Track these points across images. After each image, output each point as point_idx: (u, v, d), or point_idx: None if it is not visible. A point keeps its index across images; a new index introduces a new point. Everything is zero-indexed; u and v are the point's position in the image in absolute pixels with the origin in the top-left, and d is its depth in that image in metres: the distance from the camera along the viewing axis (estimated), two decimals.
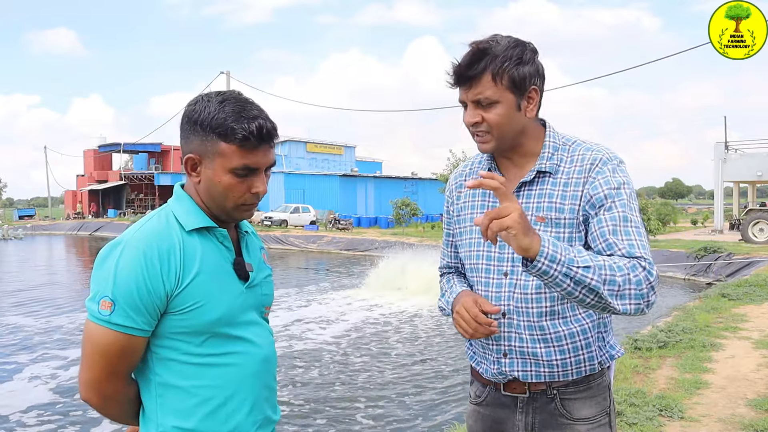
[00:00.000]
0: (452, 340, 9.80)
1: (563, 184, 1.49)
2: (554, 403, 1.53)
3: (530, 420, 1.55)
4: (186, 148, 1.34)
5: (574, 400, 1.53)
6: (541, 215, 1.49)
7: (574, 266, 1.29)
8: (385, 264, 15.52)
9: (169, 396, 1.31)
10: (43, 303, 13.32)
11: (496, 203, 1.55)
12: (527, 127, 1.52)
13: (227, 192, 1.32)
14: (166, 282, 1.25)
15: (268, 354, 1.44)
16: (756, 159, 24.75)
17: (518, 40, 1.48)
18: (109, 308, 1.24)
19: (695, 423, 3.94)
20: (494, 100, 1.46)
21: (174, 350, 1.30)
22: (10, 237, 35.71)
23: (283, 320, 11.26)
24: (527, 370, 1.52)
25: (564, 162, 1.52)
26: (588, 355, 1.51)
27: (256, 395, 1.39)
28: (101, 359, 1.26)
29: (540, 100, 1.52)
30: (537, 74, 1.48)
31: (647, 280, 1.34)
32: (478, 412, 1.65)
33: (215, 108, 1.29)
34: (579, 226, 1.48)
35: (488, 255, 1.56)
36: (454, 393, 7.08)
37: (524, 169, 1.55)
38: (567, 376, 1.51)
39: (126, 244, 1.27)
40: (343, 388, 7.25)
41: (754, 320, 7.32)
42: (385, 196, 38.94)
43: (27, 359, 8.54)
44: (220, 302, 1.32)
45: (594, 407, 1.54)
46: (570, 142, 1.55)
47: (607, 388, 1.58)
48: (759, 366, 5.28)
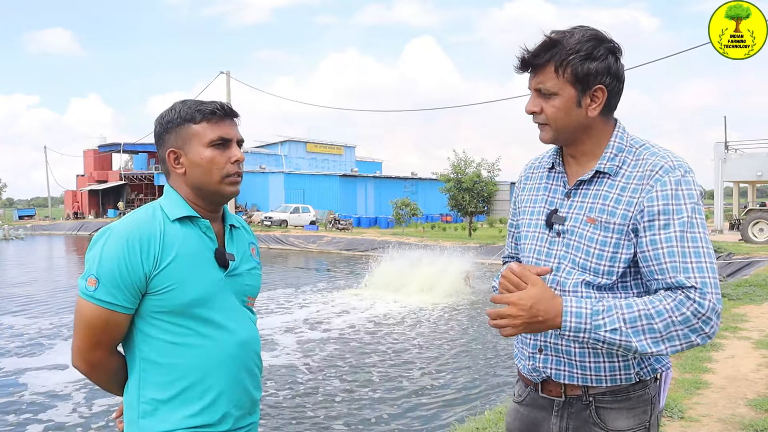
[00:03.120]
0: (450, 340, 9.80)
1: (621, 188, 1.44)
2: (589, 410, 1.49)
3: (564, 425, 1.52)
4: (164, 150, 1.52)
5: (610, 410, 1.48)
6: (593, 217, 1.45)
7: (602, 331, 1.33)
8: (385, 264, 15.51)
9: (151, 371, 1.45)
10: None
11: (554, 199, 1.55)
12: (590, 125, 1.47)
13: (211, 165, 1.49)
14: (144, 264, 1.40)
15: (247, 338, 1.55)
16: (756, 159, 24.75)
17: (596, 35, 1.42)
18: (94, 285, 1.40)
19: (695, 423, 3.94)
20: (554, 92, 1.42)
21: (155, 328, 1.44)
22: (11, 237, 35.71)
23: (282, 320, 11.27)
24: (560, 369, 1.50)
25: (627, 165, 1.45)
26: (623, 364, 1.46)
27: (232, 376, 1.50)
28: (87, 329, 1.42)
29: (609, 101, 1.45)
30: (607, 73, 1.41)
31: (697, 314, 1.30)
32: (518, 411, 1.64)
33: (179, 107, 1.52)
34: (628, 234, 1.42)
35: (538, 250, 1.55)
36: (453, 394, 7.09)
37: (585, 168, 1.51)
38: (600, 382, 1.47)
39: (113, 230, 1.43)
40: (342, 388, 7.25)
41: (754, 320, 7.32)
42: (384, 196, 38.95)
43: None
44: (195, 285, 1.45)
45: (631, 419, 1.47)
46: (638, 144, 1.47)
47: (650, 402, 1.50)
48: (759, 366, 5.27)
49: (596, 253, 1.44)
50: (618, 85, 1.45)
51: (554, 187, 1.57)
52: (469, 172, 25.62)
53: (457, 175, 25.69)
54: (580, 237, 1.46)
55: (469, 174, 25.53)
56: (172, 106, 1.53)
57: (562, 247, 1.50)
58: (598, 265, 1.44)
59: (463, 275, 14.44)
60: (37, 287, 16.01)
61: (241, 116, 1.57)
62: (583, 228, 1.46)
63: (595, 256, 1.44)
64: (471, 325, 10.94)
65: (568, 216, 1.50)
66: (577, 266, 1.47)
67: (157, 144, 1.55)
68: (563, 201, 1.52)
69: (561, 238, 1.50)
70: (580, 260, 1.46)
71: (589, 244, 1.45)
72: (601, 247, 1.43)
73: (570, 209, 1.50)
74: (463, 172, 25.67)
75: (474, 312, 12.17)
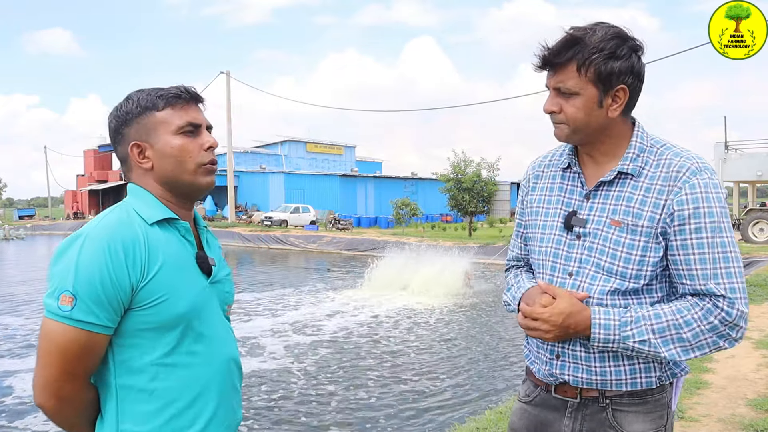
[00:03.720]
0: (450, 341, 9.80)
1: (645, 189, 1.40)
2: (605, 412, 1.45)
3: (578, 426, 1.48)
4: (125, 145, 1.35)
5: (626, 413, 1.45)
6: (617, 219, 1.41)
7: (630, 342, 1.36)
8: (385, 264, 15.51)
9: (131, 399, 1.24)
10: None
11: (571, 200, 1.51)
12: (610, 126, 1.43)
13: (183, 153, 1.32)
14: (131, 273, 1.20)
15: (233, 353, 1.40)
16: (756, 159, 24.71)
17: (619, 33, 1.37)
18: (70, 303, 1.17)
19: (695, 423, 3.94)
20: (575, 92, 1.38)
21: (137, 348, 1.24)
22: (11, 237, 35.70)
23: (281, 320, 11.26)
24: (578, 376, 1.46)
25: (649, 165, 1.42)
26: (644, 366, 1.43)
27: (221, 395, 1.34)
28: (59, 359, 1.19)
29: (631, 101, 1.42)
30: (630, 72, 1.37)
31: (725, 322, 1.34)
32: (525, 410, 1.59)
33: (136, 96, 1.35)
34: (657, 237, 1.39)
35: (555, 252, 1.50)
36: (453, 390, 7.09)
37: (604, 168, 1.47)
38: (620, 387, 1.44)
39: (87, 236, 1.21)
40: (340, 386, 7.25)
41: (754, 320, 7.32)
42: (385, 196, 38.93)
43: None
44: (185, 295, 1.28)
45: (648, 423, 1.45)
46: (659, 144, 1.45)
47: (667, 406, 1.49)
48: (759, 366, 5.27)
49: (623, 257, 1.40)
50: (639, 85, 1.41)
51: (570, 187, 1.52)
52: (469, 172, 25.61)
53: (457, 175, 25.68)
54: (605, 240, 1.43)
55: (469, 174, 25.51)
56: (127, 97, 1.35)
57: (583, 251, 1.46)
58: (625, 269, 1.41)
59: (463, 275, 14.45)
60: (35, 287, 15.99)
61: (205, 101, 1.41)
62: (608, 231, 1.42)
63: (622, 259, 1.41)
64: (471, 326, 10.93)
65: (590, 218, 1.45)
66: (602, 270, 1.43)
67: (115, 141, 1.36)
68: (582, 202, 1.48)
69: (581, 241, 1.46)
70: (605, 264, 1.42)
71: (615, 248, 1.41)
72: (629, 251, 1.40)
73: (591, 211, 1.46)
74: (463, 172, 25.66)
75: (474, 313, 12.16)
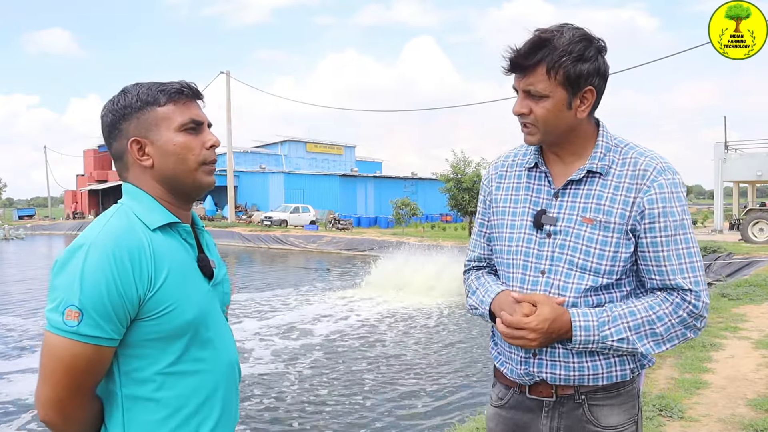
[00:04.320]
0: (450, 341, 9.80)
1: (614, 187, 1.44)
2: (582, 408, 1.48)
3: (555, 425, 1.49)
4: (122, 141, 1.29)
5: (602, 407, 1.48)
6: (589, 216, 1.45)
7: (609, 340, 1.41)
8: (384, 264, 15.51)
9: (137, 409, 1.22)
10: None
11: (539, 199, 1.52)
12: (577, 126, 1.47)
13: (185, 151, 1.28)
14: (138, 284, 1.16)
15: (234, 355, 1.39)
16: (756, 159, 24.71)
17: (585, 35, 1.40)
18: (77, 318, 1.13)
19: (695, 423, 3.94)
20: (545, 94, 1.41)
21: (144, 359, 1.22)
22: (11, 237, 35.70)
23: (281, 320, 11.26)
24: (556, 373, 1.47)
25: (615, 164, 1.46)
26: (619, 360, 1.47)
27: (225, 399, 1.34)
28: (66, 375, 1.15)
29: (596, 102, 1.46)
30: (597, 74, 1.41)
31: (692, 314, 1.42)
32: (500, 415, 1.60)
33: (135, 90, 1.29)
34: (627, 234, 1.43)
35: (527, 251, 1.51)
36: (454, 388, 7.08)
37: (572, 167, 1.50)
38: (597, 381, 1.47)
39: (90, 245, 1.16)
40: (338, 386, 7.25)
41: (754, 320, 7.31)
42: (384, 196, 38.92)
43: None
44: (192, 303, 1.25)
45: (622, 414, 1.49)
46: (622, 144, 1.49)
47: (637, 396, 1.54)
48: (759, 366, 5.27)
49: (597, 253, 1.44)
50: (604, 85, 1.46)
51: (537, 186, 1.54)
52: (468, 172, 25.61)
53: (457, 175, 25.68)
54: (578, 237, 1.45)
55: (468, 174, 25.51)
56: (125, 90, 1.30)
57: (554, 248, 1.48)
58: (599, 265, 1.44)
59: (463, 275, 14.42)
60: (32, 286, 15.97)
61: (204, 98, 1.37)
62: (579, 228, 1.45)
63: (596, 256, 1.44)
64: (470, 326, 10.93)
65: (560, 216, 1.48)
66: (576, 267, 1.45)
67: (110, 136, 1.30)
68: (551, 201, 1.50)
69: (552, 239, 1.48)
70: (579, 261, 1.45)
71: (588, 245, 1.44)
72: (602, 247, 1.43)
73: (561, 209, 1.48)
74: (463, 172, 25.64)
75: (466, 309, 12.14)
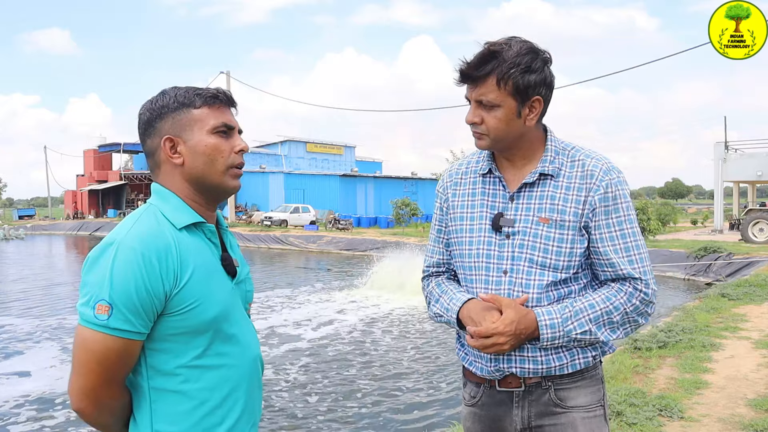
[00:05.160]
0: (446, 342, 9.79)
1: (565, 188, 1.54)
2: (548, 394, 1.56)
3: (526, 414, 1.57)
4: (157, 138, 1.35)
5: (568, 389, 1.57)
6: (545, 216, 1.53)
7: (573, 334, 1.50)
8: (384, 264, 15.51)
9: (164, 401, 1.28)
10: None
11: (495, 203, 1.60)
12: (527, 133, 1.55)
13: (216, 153, 1.34)
14: (165, 282, 1.23)
15: (257, 351, 1.44)
16: (756, 159, 24.74)
17: (532, 48, 1.49)
18: (107, 312, 1.19)
19: (695, 423, 3.94)
20: (495, 104, 1.49)
21: (169, 353, 1.28)
22: (11, 237, 35.71)
23: (281, 320, 11.27)
24: (525, 367, 1.55)
25: (565, 166, 1.56)
26: (581, 350, 1.56)
27: (248, 394, 1.39)
28: (98, 367, 1.22)
29: (544, 110, 1.54)
30: (543, 84, 1.50)
31: (644, 301, 1.53)
32: (475, 413, 1.66)
33: (173, 92, 1.37)
34: (580, 230, 1.53)
35: (488, 253, 1.59)
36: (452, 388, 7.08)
37: (523, 171, 1.58)
38: (563, 370, 1.55)
39: (120, 244, 1.23)
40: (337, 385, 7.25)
41: (753, 320, 7.32)
42: (384, 196, 38.93)
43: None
44: (215, 300, 1.31)
45: (588, 396, 1.58)
46: (569, 147, 1.59)
47: (601, 381, 1.63)
48: (759, 366, 5.28)
49: (555, 250, 1.53)
50: (551, 94, 1.54)
51: (493, 191, 1.61)
52: None
53: None
54: (535, 237, 1.54)
55: None
56: (163, 92, 1.38)
57: (514, 249, 1.55)
58: (557, 261, 1.53)
59: None
60: (28, 284, 15.96)
61: (238, 107, 1.45)
62: (536, 228, 1.54)
63: (554, 253, 1.53)
64: None
65: (517, 218, 1.56)
66: (536, 264, 1.54)
67: (146, 134, 1.37)
68: (507, 204, 1.58)
69: (511, 240, 1.56)
70: (538, 258, 1.53)
71: (546, 243, 1.53)
72: (559, 245, 1.53)
73: (517, 212, 1.56)
74: None
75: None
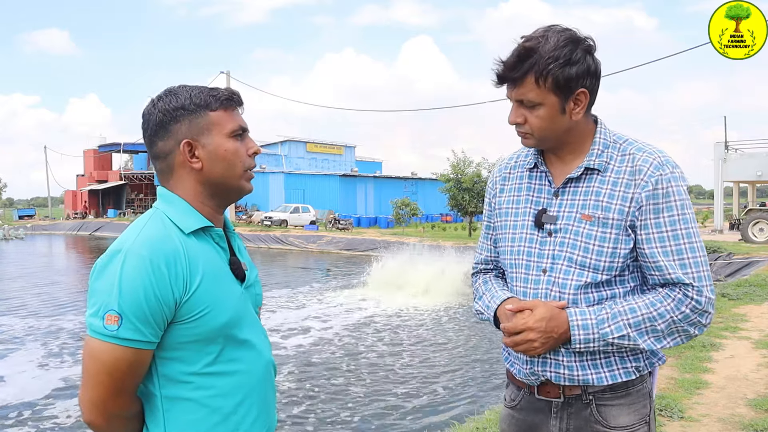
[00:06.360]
0: (449, 341, 9.79)
1: (612, 183, 1.44)
2: (590, 408, 1.47)
3: (564, 426, 1.49)
4: (172, 141, 1.29)
5: (611, 407, 1.47)
6: (588, 213, 1.45)
7: (609, 338, 1.40)
8: (384, 264, 15.51)
9: (176, 409, 1.25)
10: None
11: (540, 199, 1.53)
12: (574, 127, 1.46)
13: (235, 158, 1.32)
14: (174, 289, 1.20)
15: (269, 355, 1.42)
16: (756, 159, 24.70)
17: (571, 37, 1.39)
18: (116, 322, 1.16)
19: (695, 423, 3.94)
20: (537, 102, 1.41)
21: (181, 361, 1.25)
22: (11, 237, 35.71)
23: (281, 320, 11.26)
24: (560, 372, 1.47)
25: (614, 160, 1.46)
26: (619, 359, 1.46)
27: (262, 400, 1.36)
28: (108, 378, 1.19)
29: (591, 101, 1.45)
30: (587, 74, 1.40)
31: (696, 310, 1.39)
32: (512, 416, 1.60)
33: (187, 92, 1.31)
34: (626, 230, 1.43)
35: (528, 251, 1.52)
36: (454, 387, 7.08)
37: (571, 166, 1.50)
38: (601, 381, 1.46)
39: (128, 251, 1.19)
40: (337, 384, 7.25)
41: (754, 320, 7.31)
42: (384, 196, 38.93)
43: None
44: (226, 305, 1.28)
45: (632, 415, 1.47)
46: (621, 140, 1.49)
47: (648, 396, 1.52)
48: (759, 366, 5.27)
49: (596, 250, 1.44)
50: (597, 83, 1.44)
51: (538, 186, 1.55)
52: (468, 172, 25.60)
53: (457, 175, 25.67)
54: (576, 234, 1.46)
55: (468, 174, 25.51)
56: (175, 92, 1.31)
57: (555, 247, 1.48)
58: (598, 261, 1.44)
59: (463, 276, 14.44)
60: (26, 284, 15.95)
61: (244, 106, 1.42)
62: (578, 225, 1.46)
63: (594, 252, 1.44)
64: (469, 326, 10.94)
65: (560, 215, 1.48)
66: (575, 264, 1.45)
67: (156, 135, 1.30)
68: (551, 200, 1.51)
69: (553, 238, 1.49)
70: (578, 258, 1.45)
71: (587, 241, 1.44)
72: (601, 243, 1.43)
73: (561, 208, 1.49)
74: (463, 172, 25.65)
75: (473, 313, 12.15)
